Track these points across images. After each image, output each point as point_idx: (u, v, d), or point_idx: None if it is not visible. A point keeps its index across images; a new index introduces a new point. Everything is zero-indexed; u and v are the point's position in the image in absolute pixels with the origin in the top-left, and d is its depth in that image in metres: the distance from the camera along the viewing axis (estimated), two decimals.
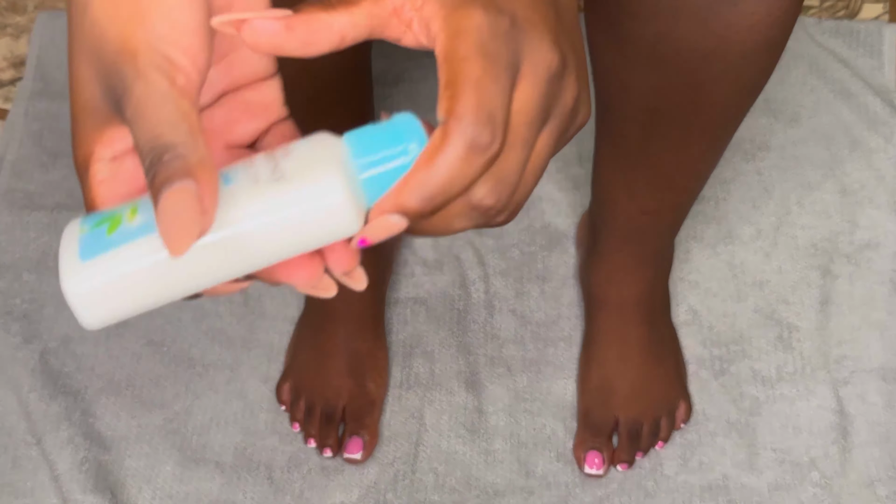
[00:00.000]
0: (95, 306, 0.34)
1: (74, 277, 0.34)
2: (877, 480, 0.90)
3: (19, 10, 1.18)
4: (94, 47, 0.37)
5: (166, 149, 0.34)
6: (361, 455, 0.91)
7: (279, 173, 0.35)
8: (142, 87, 0.35)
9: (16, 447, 0.91)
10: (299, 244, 0.35)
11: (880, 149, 1.08)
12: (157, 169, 0.33)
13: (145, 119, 0.34)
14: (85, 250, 0.34)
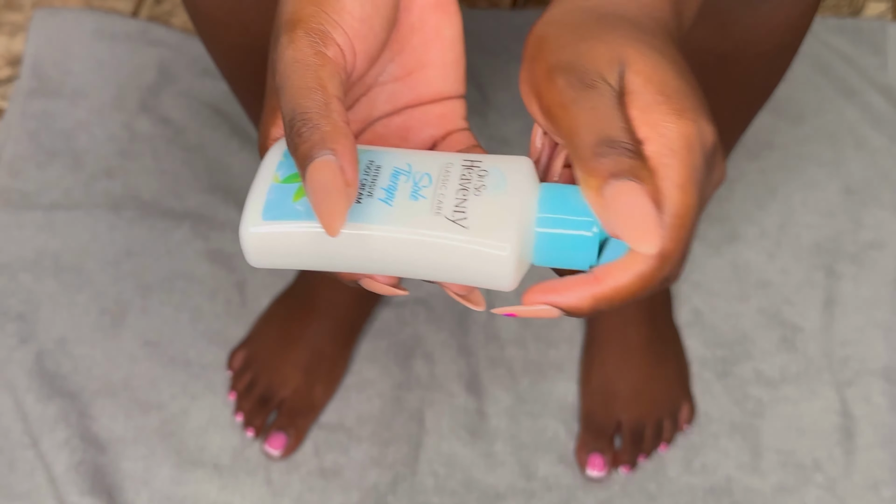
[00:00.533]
0: (262, 255, 0.38)
1: (254, 230, 0.38)
2: (881, 482, 0.90)
3: (15, 7, 1.17)
4: (274, 29, 0.39)
5: (301, 117, 0.36)
6: (280, 454, 0.90)
7: (462, 213, 0.37)
8: (290, 54, 0.37)
9: (12, 449, 0.90)
10: (452, 278, 0.38)
11: (885, 147, 1.07)
12: (297, 140, 0.36)
13: (287, 85, 0.37)
14: (268, 209, 0.38)
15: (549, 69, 0.37)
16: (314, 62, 0.37)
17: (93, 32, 1.14)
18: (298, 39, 0.38)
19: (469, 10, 1.18)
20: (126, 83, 1.11)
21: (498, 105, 1.10)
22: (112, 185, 1.04)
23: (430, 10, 0.43)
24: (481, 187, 0.38)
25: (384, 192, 0.38)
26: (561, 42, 0.38)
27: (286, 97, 0.37)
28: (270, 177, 0.38)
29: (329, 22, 0.38)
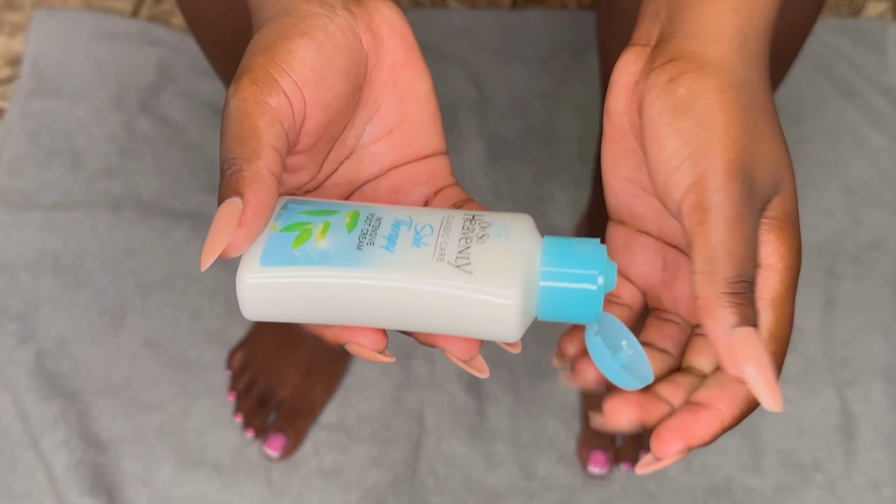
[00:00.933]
0: (259, 305, 0.38)
1: (249, 275, 0.37)
2: (881, 482, 0.90)
3: (16, 7, 1.17)
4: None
5: (229, 163, 0.37)
6: (279, 455, 0.90)
7: (465, 259, 0.37)
8: (233, 103, 0.38)
9: (12, 449, 0.90)
10: (455, 330, 0.37)
11: (884, 147, 1.07)
12: (221, 182, 0.37)
13: (225, 132, 0.38)
14: (266, 255, 0.38)
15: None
16: (253, 111, 0.38)
17: (93, 32, 1.14)
18: (242, 88, 0.38)
19: (469, 10, 1.18)
20: (126, 83, 1.11)
21: (498, 105, 1.10)
22: (112, 185, 1.04)
23: (401, 66, 0.43)
24: (484, 237, 0.38)
25: (385, 240, 0.38)
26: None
27: (222, 144, 0.38)
28: (269, 227, 0.38)
29: (277, 70, 0.39)
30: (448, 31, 1.16)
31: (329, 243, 0.37)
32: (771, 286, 0.39)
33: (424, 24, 1.15)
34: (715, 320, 0.37)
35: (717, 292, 0.37)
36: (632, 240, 0.45)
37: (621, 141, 0.44)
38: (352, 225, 0.38)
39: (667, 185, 0.39)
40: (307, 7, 0.41)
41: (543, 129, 1.09)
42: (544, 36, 1.15)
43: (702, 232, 0.37)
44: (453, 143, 1.08)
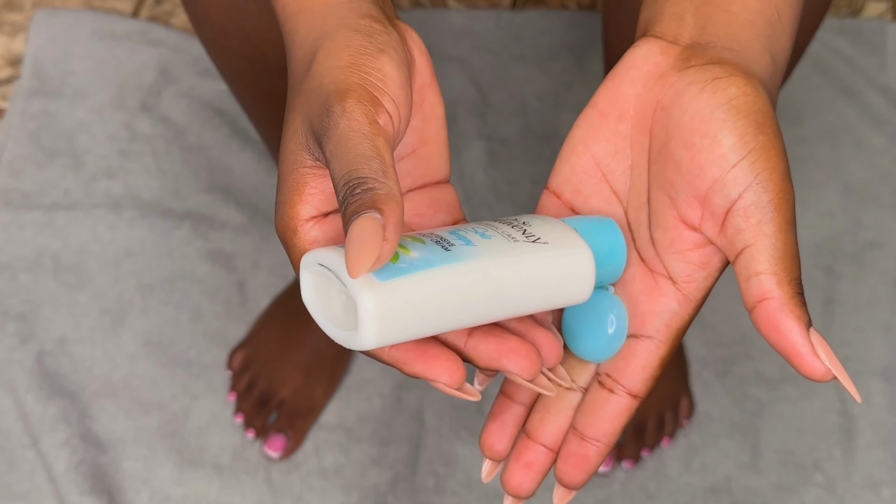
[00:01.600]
0: (388, 325, 0.36)
1: (374, 293, 0.36)
2: (881, 482, 0.90)
3: (16, 7, 1.17)
4: (309, 96, 0.40)
5: (359, 182, 0.36)
6: (279, 455, 0.90)
7: (533, 237, 0.40)
8: (345, 123, 0.37)
9: (12, 449, 0.90)
10: (545, 299, 0.40)
11: (884, 148, 1.07)
12: (350, 201, 0.35)
13: (343, 153, 0.37)
14: (378, 273, 0.36)
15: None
16: (370, 131, 0.37)
17: (93, 33, 1.14)
18: (352, 109, 0.38)
19: (469, 10, 1.18)
20: (126, 83, 1.11)
21: (498, 105, 1.11)
22: (112, 185, 1.04)
23: (427, 88, 0.44)
24: (526, 222, 0.41)
25: (460, 240, 0.39)
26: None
27: (343, 163, 0.37)
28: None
29: (378, 90, 0.39)
30: (448, 31, 1.16)
31: (420, 254, 0.38)
32: None
33: (424, 25, 1.16)
34: (797, 321, 0.38)
35: (792, 292, 0.38)
36: (560, 216, 0.45)
37: (614, 121, 0.44)
38: (418, 239, 0.39)
39: (722, 181, 0.39)
40: (366, 23, 0.41)
41: (543, 129, 1.09)
42: (544, 36, 1.15)
43: (763, 233, 0.38)
44: (453, 143, 1.08)
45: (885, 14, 1.18)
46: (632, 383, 0.43)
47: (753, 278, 0.39)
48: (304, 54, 0.42)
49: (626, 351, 0.43)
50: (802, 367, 0.38)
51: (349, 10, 0.41)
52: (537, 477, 0.44)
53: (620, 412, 0.43)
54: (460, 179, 1.05)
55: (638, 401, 0.43)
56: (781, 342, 0.38)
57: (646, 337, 0.43)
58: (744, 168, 0.39)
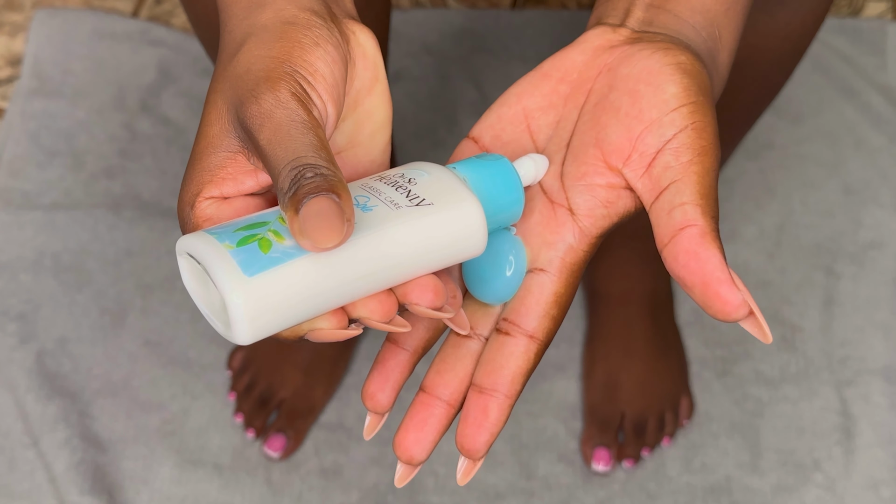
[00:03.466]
0: (258, 321, 0.36)
1: (242, 291, 0.35)
2: (881, 482, 0.90)
3: (16, 7, 1.17)
4: (235, 83, 0.39)
5: (310, 167, 0.35)
6: (279, 455, 0.90)
7: (417, 199, 0.38)
8: (283, 112, 0.37)
9: (12, 448, 0.90)
10: (436, 262, 0.38)
11: (884, 147, 1.07)
12: (303, 183, 0.35)
13: (287, 140, 0.36)
14: (246, 266, 0.35)
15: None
16: (310, 122, 0.37)
17: (93, 32, 1.14)
18: (287, 99, 0.37)
19: (469, 10, 1.18)
20: (126, 83, 1.11)
21: None
22: (112, 185, 1.04)
23: (365, 93, 0.43)
24: (412, 179, 0.39)
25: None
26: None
27: (288, 149, 0.36)
28: (221, 249, 0.36)
29: (308, 84, 0.38)
30: (448, 31, 1.16)
31: (291, 242, 0.36)
32: None
33: (424, 24, 1.16)
34: (718, 250, 0.37)
35: (714, 226, 0.38)
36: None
37: (555, 82, 0.44)
38: None
39: (659, 122, 0.40)
40: (305, 16, 0.40)
41: None
42: (544, 36, 1.15)
43: (695, 170, 0.39)
44: (453, 143, 1.08)
45: (885, 14, 1.18)
46: (527, 322, 0.41)
47: (678, 208, 0.39)
48: (233, 40, 0.41)
49: (521, 289, 0.42)
50: (718, 296, 0.37)
51: (288, 1, 0.40)
52: (432, 436, 0.41)
53: (518, 356, 0.41)
54: None
55: (536, 343, 0.41)
56: (699, 271, 0.37)
57: (539, 270, 0.42)
58: (682, 113, 0.40)
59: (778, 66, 0.66)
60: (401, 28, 1.14)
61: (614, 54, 0.43)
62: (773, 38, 0.62)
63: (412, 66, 1.13)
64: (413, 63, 1.13)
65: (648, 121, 0.40)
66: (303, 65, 0.38)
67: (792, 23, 0.62)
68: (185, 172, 0.41)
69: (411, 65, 1.13)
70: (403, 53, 1.13)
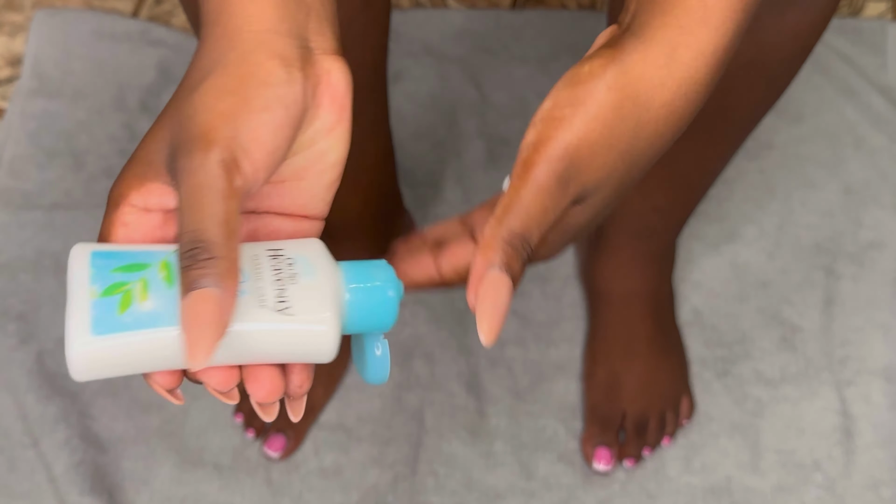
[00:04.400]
0: (93, 372, 0.39)
1: (83, 348, 0.38)
2: (881, 482, 0.90)
3: (16, 7, 1.17)
4: (181, 122, 0.40)
5: (204, 248, 0.37)
6: (279, 455, 0.90)
7: (284, 304, 0.40)
8: (202, 177, 0.38)
9: (12, 449, 0.90)
10: (283, 358, 0.41)
11: (884, 147, 1.07)
12: (192, 263, 0.37)
13: (195, 209, 0.38)
14: (97, 324, 0.38)
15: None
16: (225, 192, 0.38)
17: (93, 33, 1.14)
18: (211, 166, 0.38)
19: (469, 10, 1.18)
20: (126, 83, 1.11)
21: (497, 105, 1.11)
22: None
23: (325, 132, 0.44)
24: (294, 275, 0.41)
25: None
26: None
27: (192, 217, 0.38)
28: (87, 292, 0.39)
29: (241, 151, 0.39)
30: (448, 31, 1.16)
31: (153, 304, 0.38)
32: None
33: (424, 25, 1.16)
34: (484, 258, 0.41)
35: (499, 237, 0.41)
36: None
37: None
38: (169, 279, 0.39)
39: (525, 133, 0.42)
40: (269, 67, 0.41)
41: None
42: (544, 37, 1.15)
43: (515, 185, 0.41)
44: (453, 143, 1.08)
45: (885, 14, 1.18)
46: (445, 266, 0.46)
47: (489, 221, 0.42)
48: (198, 69, 0.42)
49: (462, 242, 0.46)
50: (468, 297, 0.41)
51: (259, 43, 0.41)
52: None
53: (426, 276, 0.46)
54: (460, 179, 1.05)
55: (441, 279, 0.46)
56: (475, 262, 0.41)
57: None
58: (537, 129, 0.42)
59: (785, 66, 0.66)
60: (401, 28, 1.14)
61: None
62: (781, 38, 0.62)
63: (412, 66, 1.13)
64: (413, 63, 1.13)
65: (525, 132, 0.43)
66: (245, 129, 0.39)
67: (801, 22, 0.62)
68: (123, 165, 0.42)
69: (411, 65, 1.13)
70: (403, 53, 1.13)
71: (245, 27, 0.41)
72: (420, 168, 1.06)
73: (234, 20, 0.41)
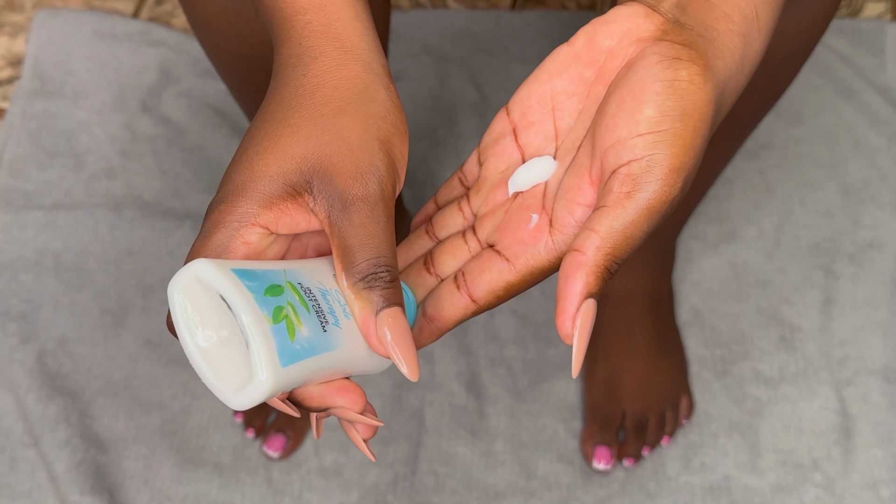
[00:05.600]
0: (274, 393, 0.40)
1: (274, 380, 0.39)
2: (879, 481, 0.90)
3: (17, 8, 1.18)
4: (326, 147, 0.42)
5: (388, 270, 0.41)
6: (279, 455, 0.90)
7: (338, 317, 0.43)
8: (381, 209, 0.42)
9: (13, 448, 0.90)
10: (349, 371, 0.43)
11: (883, 148, 1.08)
12: (378, 284, 0.41)
13: (372, 237, 0.41)
14: (282, 355, 0.39)
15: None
16: (391, 222, 0.42)
17: (94, 33, 1.15)
18: (388, 196, 0.42)
19: (469, 10, 1.18)
20: (127, 84, 1.11)
21: (497, 105, 1.11)
22: (113, 185, 1.05)
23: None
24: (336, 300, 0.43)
25: (331, 316, 0.42)
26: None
27: (371, 244, 0.41)
28: (261, 318, 0.39)
29: (398, 182, 0.44)
30: (448, 31, 1.16)
31: (307, 331, 0.40)
32: None
33: (424, 25, 1.16)
34: (584, 282, 0.40)
35: (601, 261, 0.40)
36: (503, 134, 0.48)
37: (583, 66, 0.45)
38: (304, 302, 0.41)
39: (622, 142, 0.41)
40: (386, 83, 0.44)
41: None
42: (544, 37, 1.16)
43: (622, 203, 0.40)
44: (453, 143, 1.08)
45: (884, 14, 1.18)
46: (476, 290, 0.45)
47: (586, 230, 0.41)
48: (332, 86, 0.43)
49: (485, 262, 0.46)
50: (558, 318, 0.41)
51: (381, 68, 0.44)
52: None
53: (457, 307, 0.46)
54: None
55: (476, 306, 0.46)
56: (561, 291, 0.41)
57: (505, 259, 0.45)
58: (646, 141, 0.40)
59: (786, 65, 0.66)
60: (401, 28, 1.14)
61: (638, 49, 0.43)
62: (784, 37, 0.62)
63: (412, 66, 1.13)
64: (413, 63, 1.13)
65: (616, 138, 0.41)
66: (396, 155, 0.43)
67: (803, 21, 0.62)
68: (231, 176, 0.43)
69: (411, 65, 1.13)
70: (403, 53, 1.13)
71: (362, 44, 0.44)
72: (420, 168, 1.06)
73: (349, 34, 0.44)
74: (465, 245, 0.47)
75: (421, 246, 0.49)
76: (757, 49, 0.44)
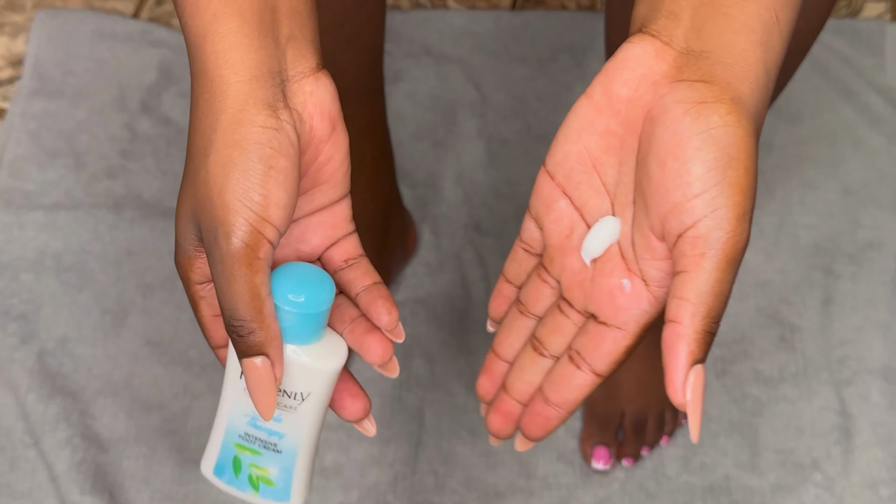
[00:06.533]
0: None
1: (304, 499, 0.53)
2: (879, 481, 0.90)
3: (17, 8, 1.18)
4: (198, 200, 0.43)
5: (241, 325, 0.43)
6: None
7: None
8: (229, 260, 0.42)
9: (13, 448, 0.90)
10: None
11: (883, 148, 1.08)
12: (235, 338, 0.44)
13: (225, 289, 0.42)
14: (282, 495, 0.52)
15: None
16: (250, 272, 0.42)
17: (94, 33, 1.15)
18: (237, 249, 0.42)
19: (469, 11, 1.18)
20: (127, 84, 1.11)
21: (497, 105, 1.11)
22: (113, 185, 1.05)
23: (324, 143, 0.46)
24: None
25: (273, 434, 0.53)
26: None
27: (225, 298, 0.43)
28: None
29: (262, 224, 0.42)
30: (448, 31, 1.16)
31: (273, 468, 0.53)
32: None
33: (424, 25, 1.16)
34: (688, 354, 0.42)
35: (699, 326, 0.41)
36: (554, 198, 0.47)
37: (607, 118, 0.44)
38: (253, 451, 0.52)
39: (680, 206, 0.40)
40: (261, 118, 0.42)
41: (543, 129, 1.09)
42: (543, 37, 1.16)
43: (700, 265, 0.40)
44: (453, 143, 1.08)
45: (884, 14, 1.19)
46: (597, 364, 0.47)
47: (675, 299, 0.41)
48: (201, 138, 0.43)
49: (596, 335, 0.46)
50: (669, 388, 0.43)
51: (246, 96, 0.42)
52: (511, 423, 0.50)
53: (583, 386, 0.47)
54: (460, 179, 1.06)
55: (601, 379, 0.47)
56: (667, 363, 0.42)
57: (615, 328, 0.46)
58: (704, 200, 0.40)
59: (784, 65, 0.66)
60: (401, 28, 1.14)
61: (656, 98, 0.42)
62: None
63: (412, 67, 1.13)
64: (413, 63, 1.13)
65: (672, 203, 0.41)
66: (256, 199, 0.42)
67: (798, 20, 0.62)
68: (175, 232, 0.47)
69: (411, 65, 1.13)
70: (403, 54, 1.13)
71: (231, 77, 0.42)
72: (420, 168, 1.06)
73: (220, 70, 0.42)
74: (567, 320, 0.48)
75: (521, 327, 0.50)
76: (778, 52, 0.43)
